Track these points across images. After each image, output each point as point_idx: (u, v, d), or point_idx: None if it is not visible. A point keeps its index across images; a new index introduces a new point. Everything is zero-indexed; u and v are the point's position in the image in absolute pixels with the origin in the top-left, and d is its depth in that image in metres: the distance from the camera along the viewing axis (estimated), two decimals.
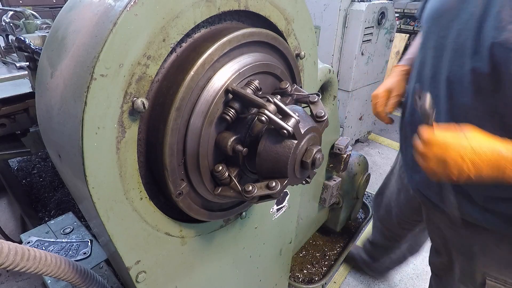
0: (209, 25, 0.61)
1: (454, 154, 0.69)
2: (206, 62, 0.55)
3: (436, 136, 0.72)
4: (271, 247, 1.09)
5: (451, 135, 0.71)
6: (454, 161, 0.69)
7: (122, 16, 0.45)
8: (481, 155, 0.68)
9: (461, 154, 0.68)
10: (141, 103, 0.50)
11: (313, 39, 0.85)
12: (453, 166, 0.69)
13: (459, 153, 0.69)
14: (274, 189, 0.55)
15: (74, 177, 0.54)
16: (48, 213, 2.29)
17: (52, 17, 3.70)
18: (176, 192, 0.59)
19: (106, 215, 0.53)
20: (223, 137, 0.60)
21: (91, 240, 1.08)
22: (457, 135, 0.70)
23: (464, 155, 0.68)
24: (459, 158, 0.68)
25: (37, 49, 1.15)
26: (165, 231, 0.65)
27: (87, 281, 0.69)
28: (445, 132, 0.72)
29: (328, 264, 1.93)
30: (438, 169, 0.72)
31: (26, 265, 0.55)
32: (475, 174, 0.69)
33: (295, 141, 0.55)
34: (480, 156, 0.68)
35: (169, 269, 0.70)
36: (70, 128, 0.49)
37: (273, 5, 0.68)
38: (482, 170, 0.68)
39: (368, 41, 2.84)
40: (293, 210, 1.12)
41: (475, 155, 0.68)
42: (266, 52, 0.68)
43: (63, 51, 0.52)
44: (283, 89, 0.67)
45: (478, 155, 0.68)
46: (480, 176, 0.69)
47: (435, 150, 0.71)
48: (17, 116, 1.49)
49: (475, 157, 0.68)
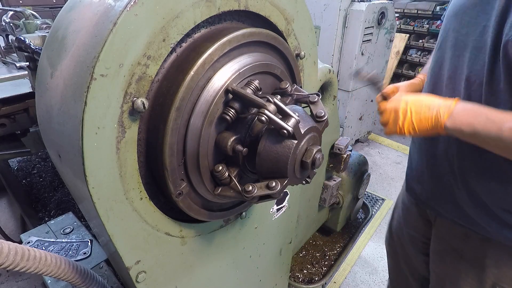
0: (209, 25, 0.61)
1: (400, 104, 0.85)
2: (206, 62, 0.55)
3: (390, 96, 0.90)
4: (271, 247, 1.09)
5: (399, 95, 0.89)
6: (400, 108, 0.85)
7: (122, 16, 0.45)
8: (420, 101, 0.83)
9: (406, 101, 0.85)
10: (141, 103, 0.50)
11: (313, 39, 0.85)
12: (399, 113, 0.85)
13: (405, 102, 0.85)
14: (274, 189, 0.55)
15: (74, 177, 0.54)
16: (48, 213, 2.30)
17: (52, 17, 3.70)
18: (176, 192, 0.59)
19: (106, 215, 0.53)
20: (223, 137, 0.60)
21: (91, 240, 1.07)
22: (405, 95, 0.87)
23: (407, 102, 0.84)
24: (404, 105, 0.85)
25: (37, 49, 1.15)
26: (165, 231, 0.65)
27: (87, 281, 0.69)
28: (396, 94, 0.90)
29: (328, 264, 1.93)
30: (391, 118, 0.87)
31: (26, 265, 0.55)
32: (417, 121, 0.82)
33: (295, 141, 0.55)
34: (418, 102, 0.83)
35: (169, 269, 0.70)
36: (70, 128, 0.49)
37: (273, 5, 0.68)
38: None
39: (368, 41, 2.84)
40: (293, 210, 1.12)
41: (416, 101, 0.83)
42: (266, 52, 0.68)
43: (63, 51, 0.52)
44: (283, 89, 0.67)
45: (418, 101, 0.83)
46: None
47: (389, 104, 0.88)
48: (17, 116, 1.49)
49: (415, 103, 0.83)
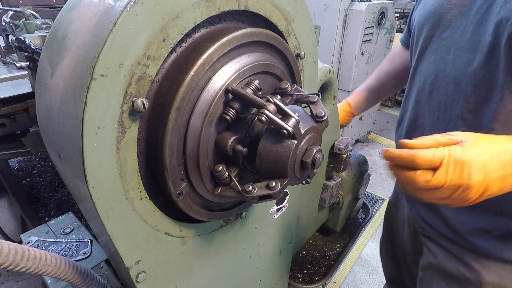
0: (209, 25, 0.61)
1: (478, 174, 0.56)
2: (206, 62, 0.55)
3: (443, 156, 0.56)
4: (271, 247, 1.09)
5: (459, 150, 0.57)
6: (479, 182, 0.56)
7: (122, 16, 0.45)
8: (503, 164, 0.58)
9: (486, 170, 0.56)
10: (141, 103, 0.50)
11: (313, 39, 0.84)
12: (477, 188, 0.57)
13: (484, 170, 0.56)
14: (274, 189, 0.55)
15: (74, 177, 0.54)
16: (48, 213, 2.29)
17: (52, 17, 3.70)
18: (176, 192, 0.59)
19: (106, 215, 0.53)
20: (223, 137, 0.60)
21: (91, 240, 1.07)
22: (463, 148, 0.58)
23: (490, 171, 0.56)
24: (484, 176, 0.56)
25: (37, 49, 1.15)
26: (165, 231, 0.65)
27: (87, 281, 0.69)
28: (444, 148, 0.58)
29: (328, 264, 1.93)
30: (455, 198, 0.59)
31: (26, 265, 0.55)
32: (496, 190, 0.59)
33: (295, 141, 0.55)
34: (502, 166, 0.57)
35: (169, 269, 0.70)
36: (70, 128, 0.49)
37: (273, 5, 0.68)
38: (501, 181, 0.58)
39: (368, 41, 2.84)
40: (293, 210, 1.12)
41: (500, 166, 0.57)
42: (266, 52, 0.68)
43: (63, 51, 0.52)
44: (283, 89, 0.67)
45: (502, 165, 0.57)
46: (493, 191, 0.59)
47: (450, 175, 0.56)
48: (17, 116, 1.49)
49: (499, 167, 0.57)
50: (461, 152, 0.56)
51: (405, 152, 0.58)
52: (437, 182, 0.56)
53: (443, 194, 0.58)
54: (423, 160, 0.56)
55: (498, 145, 0.59)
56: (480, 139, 0.59)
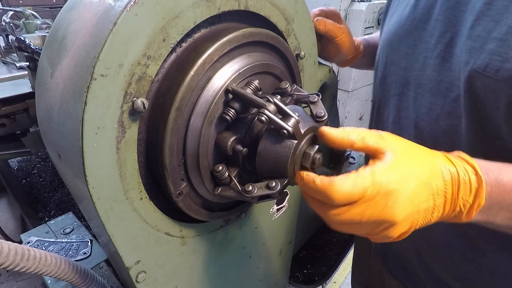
0: (209, 25, 0.61)
1: (404, 208, 0.44)
2: (206, 62, 0.55)
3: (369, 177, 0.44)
4: (271, 247, 1.09)
5: (385, 174, 0.44)
6: (405, 218, 0.44)
7: (122, 16, 0.45)
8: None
9: (414, 202, 0.44)
10: (141, 103, 0.50)
11: (313, 39, 0.84)
12: (403, 225, 0.45)
13: (411, 202, 0.44)
14: (274, 189, 0.55)
15: (74, 177, 0.54)
16: (48, 213, 2.29)
17: (52, 17, 3.70)
18: (176, 192, 0.59)
19: (106, 215, 0.53)
20: (223, 137, 0.60)
21: (91, 240, 1.07)
22: (388, 168, 0.45)
23: (418, 203, 0.44)
24: (411, 210, 0.44)
25: (37, 49, 1.15)
26: (165, 231, 0.65)
27: (87, 281, 0.69)
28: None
29: (328, 264, 1.93)
30: (375, 235, 0.47)
31: (26, 265, 0.55)
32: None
33: (295, 141, 0.55)
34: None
35: (169, 269, 0.70)
36: (70, 128, 0.49)
37: (273, 5, 0.68)
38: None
39: None
40: (293, 210, 1.12)
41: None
42: (266, 52, 0.68)
43: (63, 51, 0.52)
44: (283, 89, 0.67)
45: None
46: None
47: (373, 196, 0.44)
48: (17, 116, 1.49)
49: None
50: (387, 178, 0.43)
51: (318, 183, 0.45)
52: (353, 217, 0.44)
53: (360, 230, 0.47)
54: (339, 195, 0.43)
55: (429, 166, 0.46)
56: (409, 154, 0.47)
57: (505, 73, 0.50)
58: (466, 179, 0.45)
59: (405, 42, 0.71)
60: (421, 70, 0.67)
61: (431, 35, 0.64)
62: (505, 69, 0.49)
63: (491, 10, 0.52)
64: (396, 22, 0.74)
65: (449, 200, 0.45)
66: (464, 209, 0.46)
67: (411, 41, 0.69)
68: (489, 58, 0.51)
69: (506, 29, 0.50)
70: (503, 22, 0.50)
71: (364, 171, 0.44)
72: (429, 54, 0.65)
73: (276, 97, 0.58)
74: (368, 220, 0.44)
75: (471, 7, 0.56)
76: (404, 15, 0.72)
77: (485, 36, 0.52)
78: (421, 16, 0.67)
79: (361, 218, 0.44)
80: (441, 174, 0.45)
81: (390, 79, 0.76)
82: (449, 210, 0.46)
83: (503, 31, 0.50)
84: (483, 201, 0.45)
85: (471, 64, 0.54)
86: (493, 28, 0.51)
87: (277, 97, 0.59)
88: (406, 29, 0.70)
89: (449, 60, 0.60)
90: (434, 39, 0.64)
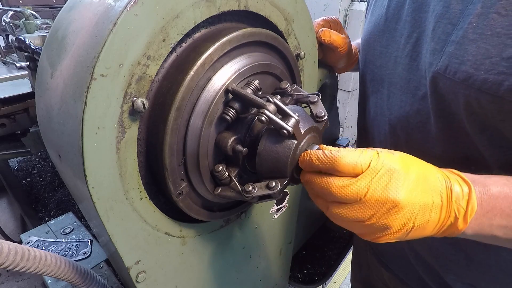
0: (209, 25, 0.61)
1: (409, 191, 0.44)
2: (206, 62, 0.55)
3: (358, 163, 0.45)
4: (271, 247, 1.09)
5: (390, 156, 0.46)
6: (410, 202, 0.44)
7: (122, 16, 0.45)
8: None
9: (417, 190, 0.44)
10: (141, 103, 0.50)
11: (313, 39, 0.84)
12: (406, 210, 0.44)
13: (415, 188, 0.44)
14: (274, 189, 0.55)
15: (74, 177, 0.54)
16: (48, 213, 2.29)
17: (52, 17, 3.70)
18: (176, 192, 0.59)
19: (106, 215, 0.53)
20: (223, 137, 0.60)
21: (91, 240, 1.07)
22: (393, 155, 0.46)
23: (419, 193, 0.45)
24: (414, 197, 0.44)
25: (37, 49, 1.15)
26: (165, 231, 0.65)
27: (87, 281, 0.69)
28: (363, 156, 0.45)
29: (328, 264, 1.93)
30: (372, 223, 0.46)
31: (26, 265, 0.55)
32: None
33: (295, 141, 0.55)
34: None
35: (169, 269, 0.70)
36: (70, 128, 0.49)
37: (273, 5, 0.68)
38: None
39: None
40: (293, 210, 1.12)
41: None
42: (266, 52, 0.68)
43: (63, 51, 0.52)
44: (283, 89, 0.67)
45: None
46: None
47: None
48: (17, 116, 1.49)
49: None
50: (390, 159, 0.44)
51: (321, 153, 0.47)
52: (356, 190, 0.43)
53: (359, 213, 0.45)
54: (345, 162, 0.44)
55: (425, 166, 0.47)
56: (406, 155, 0.48)
57: (461, 75, 0.52)
58: (457, 184, 0.47)
59: (379, 41, 0.74)
60: (393, 69, 0.69)
61: (401, 35, 0.67)
62: (461, 71, 0.52)
63: (449, 13, 0.54)
64: (372, 22, 0.78)
65: (445, 203, 0.45)
66: (459, 214, 0.46)
67: (384, 41, 0.73)
68: (448, 61, 0.54)
69: (462, 33, 0.52)
70: (460, 26, 0.53)
71: (370, 150, 0.46)
72: (400, 54, 0.67)
73: (276, 97, 0.58)
74: (371, 196, 0.43)
75: (432, 9, 0.58)
76: (379, 15, 0.75)
77: (444, 38, 0.55)
78: (392, 16, 0.70)
79: (363, 193, 0.43)
80: (436, 175, 0.47)
81: (368, 77, 0.80)
82: (445, 216, 0.46)
83: (459, 35, 0.52)
84: (475, 205, 0.46)
85: (434, 65, 0.56)
86: (451, 31, 0.54)
87: (277, 97, 0.59)
88: (380, 29, 0.74)
89: (416, 59, 0.63)
90: (403, 39, 0.66)
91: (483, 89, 0.50)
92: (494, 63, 0.48)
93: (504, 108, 0.50)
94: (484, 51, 0.49)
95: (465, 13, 0.52)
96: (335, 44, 0.88)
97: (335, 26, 0.91)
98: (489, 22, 0.48)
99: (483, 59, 0.49)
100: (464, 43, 0.52)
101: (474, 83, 0.51)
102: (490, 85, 0.49)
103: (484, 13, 0.49)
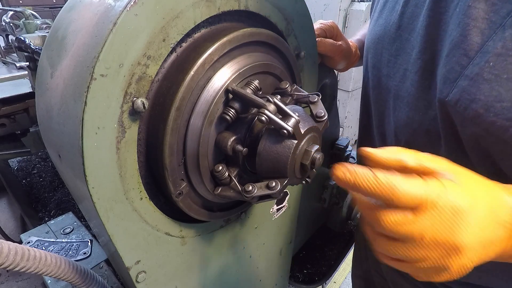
0: (209, 25, 0.61)
1: (474, 233, 0.38)
2: (206, 62, 0.55)
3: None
4: (271, 247, 1.09)
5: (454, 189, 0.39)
6: (475, 245, 0.38)
7: (122, 16, 0.45)
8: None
9: (484, 229, 0.39)
10: (141, 103, 0.50)
11: (313, 39, 0.84)
12: (469, 254, 0.39)
13: (481, 228, 0.38)
14: (274, 189, 0.55)
15: (74, 177, 0.54)
16: (48, 213, 2.29)
17: (52, 17, 3.70)
18: (176, 192, 0.59)
19: (106, 215, 0.53)
20: (223, 137, 0.60)
21: (91, 240, 1.07)
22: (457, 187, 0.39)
23: (487, 231, 0.39)
24: (480, 237, 0.39)
25: (37, 49, 1.15)
26: (165, 231, 0.65)
27: (87, 281, 0.69)
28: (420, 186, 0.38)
29: (328, 264, 1.93)
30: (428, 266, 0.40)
31: (26, 265, 0.55)
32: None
33: (295, 141, 0.55)
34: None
35: (169, 269, 0.70)
36: (70, 128, 0.49)
37: (273, 5, 0.68)
38: None
39: None
40: (293, 210, 1.12)
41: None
42: (266, 52, 0.68)
43: (63, 51, 0.52)
44: (283, 89, 0.67)
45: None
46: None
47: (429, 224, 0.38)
48: (17, 116, 1.49)
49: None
50: (458, 194, 0.38)
51: (372, 177, 0.37)
52: (416, 230, 0.37)
53: (413, 252, 0.39)
54: (405, 193, 0.36)
55: (494, 194, 0.42)
56: (471, 180, 0.42)
57: (471, 112, 0.51)
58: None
59: (388, 49, 0.70)
60: (401, 81, 0.66)
61: (413, 48, 0.63)
62: (471, 109, 0.51)
63: (465, 43, 0.51)
64: (381, 25, 0.73)
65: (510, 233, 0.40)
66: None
67: (393, 50, 0.69)
68: (460, 95, 0.52)
69: (478, 70, 0.50)
70: (476, 61, 0.50)
71: (433, 182, 0.38)
72: (410, 68, 0.64)
73: (276, 97, 0.58)
74: (431, 238, 0.37)
75: (449, 33, 0.55)
76: (390, 20, 0.71)
77: (459, 70, 0.53)
78: (406, 26, 0.66)
79: (422, 233, 0.37)
80: (506, 203, 0.41)
81: (372, 83, 0.77)
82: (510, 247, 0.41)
83: (475, 72, 0.50)
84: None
85: (445, 94, 0.55)
86: (466, 65, 0.52)
87: (277, 97, 0.59)
88: (391, 36, 0.69)
89: (428, 78, 0.60)
90: (415, 53, 0.63)
91: (489, 130, 0.50)
92: (505, 108, 0.47)
93: (506, 150, 0.50)
94: (497, 94, 0.48)
95: (483, 49, 0.49)
96: (330, 54, 0.88)
97: (331, 33, 0.90)
98: (507, 66, 0.47)
99: (494, 102, 0.48)
100: (478, 81, 0.50)
101: (482, 123, 0.50)
102: (497, 129, 0.48)
103: (503, 54, 0.47)
